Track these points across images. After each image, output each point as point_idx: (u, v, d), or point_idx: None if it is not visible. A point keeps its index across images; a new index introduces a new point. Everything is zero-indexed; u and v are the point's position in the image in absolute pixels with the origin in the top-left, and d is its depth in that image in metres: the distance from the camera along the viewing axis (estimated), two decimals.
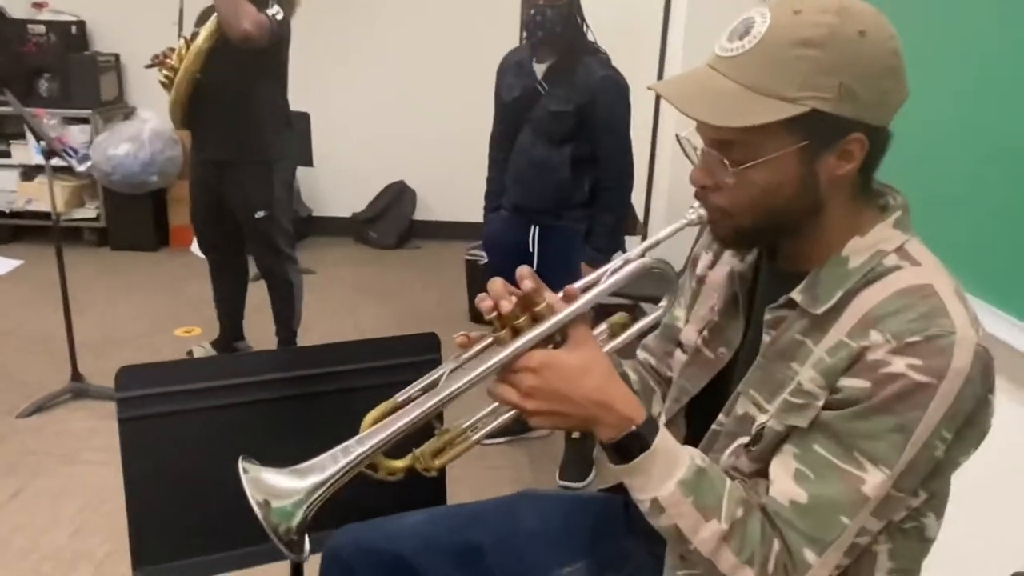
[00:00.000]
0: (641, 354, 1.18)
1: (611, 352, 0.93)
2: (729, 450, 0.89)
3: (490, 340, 0.88)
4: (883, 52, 0.78)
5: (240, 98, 2.93)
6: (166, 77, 2.93)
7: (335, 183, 5.17)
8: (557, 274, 0.90)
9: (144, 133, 4.50)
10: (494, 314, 0.86)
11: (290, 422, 1.30)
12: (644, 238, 3.13)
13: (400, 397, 0.93)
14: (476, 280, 3.86)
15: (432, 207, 5.33)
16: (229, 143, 2.98)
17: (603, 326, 0.99)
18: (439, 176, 5.23)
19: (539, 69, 2.50)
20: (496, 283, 0.88)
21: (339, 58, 4.97)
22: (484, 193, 2.81)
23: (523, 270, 0.87)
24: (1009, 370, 1.09)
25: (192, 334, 3.65)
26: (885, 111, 0.81)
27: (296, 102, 3.23)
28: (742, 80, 0.79)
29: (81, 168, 2.83)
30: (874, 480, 0.77)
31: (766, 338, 0.88)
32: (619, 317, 0.98)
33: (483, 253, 3.79)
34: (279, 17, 2.81)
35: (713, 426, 0.92)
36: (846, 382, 0.79)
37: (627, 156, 2.57)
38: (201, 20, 2.94)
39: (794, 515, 0.80)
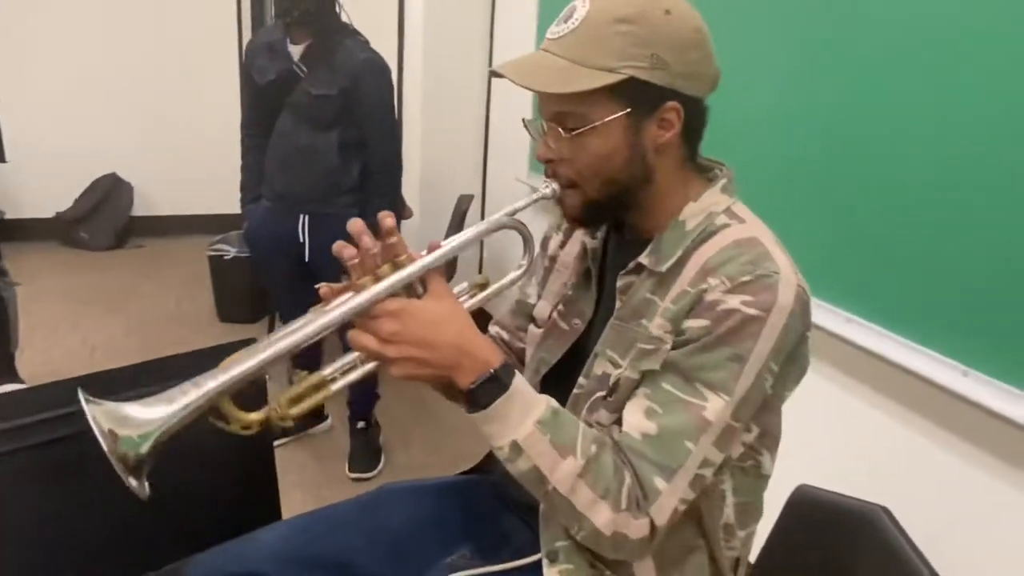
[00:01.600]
0: (493, 328, 1.21)
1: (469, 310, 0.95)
2: (587, 404, 0.96)
3: (350, 294, 0.89)
4: (687, 28, 0.90)
5: None
6: None
7: (32, 179, 4.49)
8: (329, 262, 0.91)
9: None
10: (355, 261, 0.89)
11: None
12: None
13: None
14: (223, 276, 3.61)
15: (153, 201, 4.86)
16: None
17: (463, 284, 1.01)
18: (157, 166, 4.79)
19: (295, 51, 2.39)
20: (356, 223, 0.89)
21: (36, 38, 4.31)
22: (239, 183, 2.63)
23: (356, 224, 0.89)
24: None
25: None
26: (697, 83, 0.93)
27: None
28: (569, 56, 0.89)
29: None
30: (715, 406, 0.87)
31: (618, 303, 0.96)
32: (480, 278, 1.01)
33: (228, 247, 3.57)
34: None
35: (575, 390, 0.98)
36: (689, 323, 0.88)
37: (395, 140, 2.56)
38: None
39: (644, 446, 0.88)
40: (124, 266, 4.47)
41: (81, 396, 0.79)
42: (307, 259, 2.48)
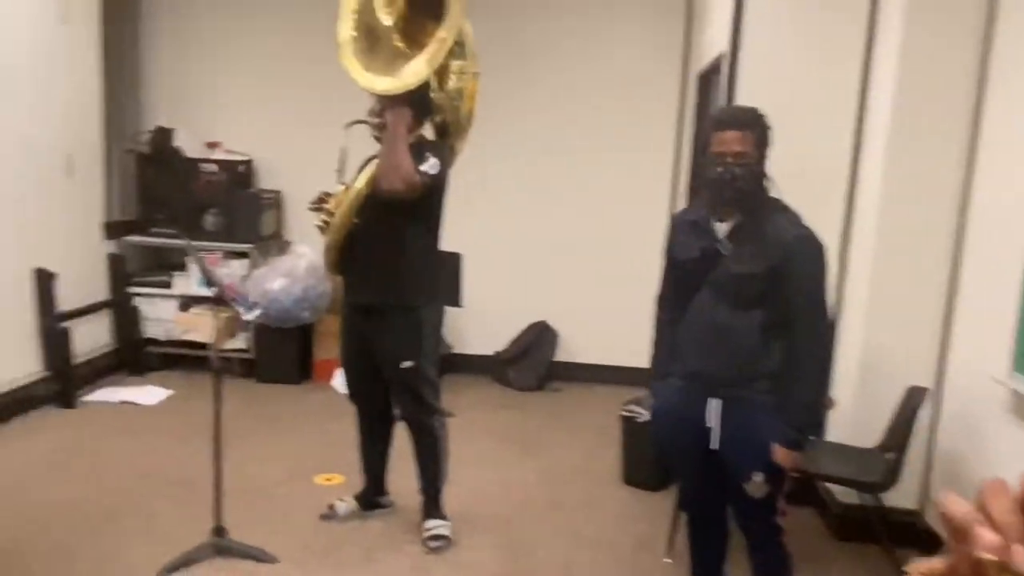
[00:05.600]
0: None
1: None
2: None
3: None
4: None
5: (391, 244, 2.88)
6: (323, 221, 2.93)
7: (479, 321, 5.06)
8: (743, 454, 0.62)
9: (299, 268, 4.53)
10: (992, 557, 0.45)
11: None
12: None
13: None
14: (633, 438, 3.54)
15: (574, 348, 5.13)
16: (378, 289, 2.91)
17: None
18: (582, 317, 5.06)
19: (720, 228, 2.27)
20: (997, 491, 0.46)
21: (491, 198, 4.98)
22: (651, 359, 2.54)
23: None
24: None
25: (332, 482, 3.48)
26: None
27: (449, 241, 3.15)
28: None
29: (249, 316, 2.81)
30: None
31: None
32: None
33: (641, 410, 3.49)
34: (432, 172, 2.78)
35: None
36: None
37: (826, 322, 2.29)
38: (361, 167, 2.94)
39: None
40: (542, 408, 4.71)
41: None
42: (715, 446, 2.26)
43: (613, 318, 4.96)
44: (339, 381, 4.75)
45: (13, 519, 2.94)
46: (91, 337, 4.65)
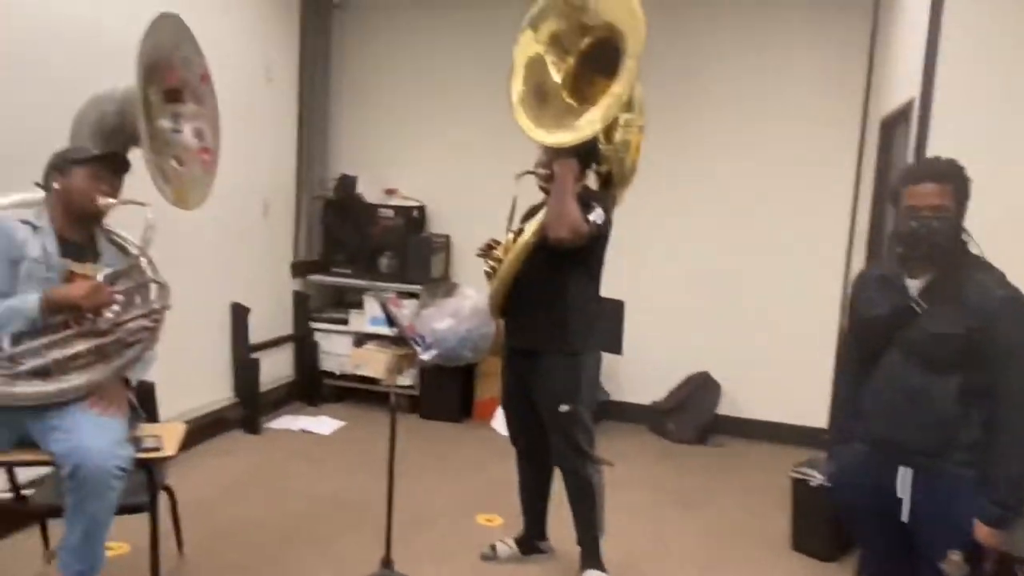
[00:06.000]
0: None
1: None
2: None
3: None
4: None
5: (554, 290, 2.93)
6: (491, 267, 3.03)
7: (637, 369, 5.00)
8: (937, 529, 0.55)
9: (465, 309, 4.70)
10: None
11: None
12: None
13: None
14: (805, 503, 3.34)
15: (739, 402, 4.94)
16: (539, 334, 2.96)
17: None
18: (748, 370, 4.88)
19: (913, 285, 2.13)
20: None
21: (654, 245, 4.96)
22: (830, 420, 2.42)
23: None
24: None
25: (493, 524, 3.53)
26: None
27: (610, 288, 3.15)
28: None
29: (425, 356, 2.93)
30: None
31: None
32: None
33: (815, 473, 3.31)
34: (598, 222, 2.83)
35: None
36: None
37: None
38: (528, 216, 3.02)
39: None
40: (703, 463, 4.55)
41: None
42: (905, 518, 2.10)
43: (782, 373, 4.75)
44: (499, 422, 4.85)
45: (201, 534, 3.19)
46: (275, 368, 5.02)
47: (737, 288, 4.89)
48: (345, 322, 5.27)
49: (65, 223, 2.40)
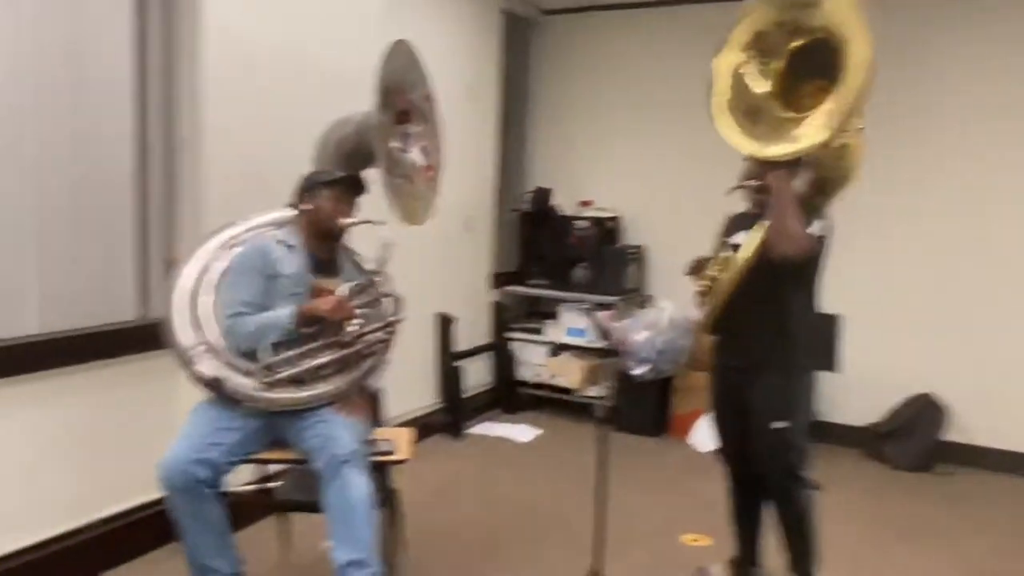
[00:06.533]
0: None
1: None
2: None
3: None
4: None
5: (770, 307, 2.79)
6: (705, 286, 2.93)
7: (853, 388, 4.68)
8: None
9: (663, 321, 4.61)
10: None
11: None
12: None
13: None
14: None
15: (970, 428, 4.49)
16: (755, 351, 2.84)
17: None
18: (980, 394, 4.43)
19: None
20: None
21: (877, 260, 4.64)
22: None
23: None
24: None
25: (699, 543, 3.42)
26: None
27: (829, 300, 2.97)
28: None
29: (637, 371, 2.90)
30: None
31: None
32: None
33: None
34: (822, 234, 2.69)
35: None
36: None
37: None
38: (730, 229, 2.90)
39: None
40: (928, 493, 4.18)
41: None
42: None
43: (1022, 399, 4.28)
44: (697, 438, 4.72)
45: (421, 534, 3.33)
46: (476, 375, 5.19)
47: (967, 303, 4.46)
48: (539, 332, 5.35)
49: (312, 241, 2.61)
